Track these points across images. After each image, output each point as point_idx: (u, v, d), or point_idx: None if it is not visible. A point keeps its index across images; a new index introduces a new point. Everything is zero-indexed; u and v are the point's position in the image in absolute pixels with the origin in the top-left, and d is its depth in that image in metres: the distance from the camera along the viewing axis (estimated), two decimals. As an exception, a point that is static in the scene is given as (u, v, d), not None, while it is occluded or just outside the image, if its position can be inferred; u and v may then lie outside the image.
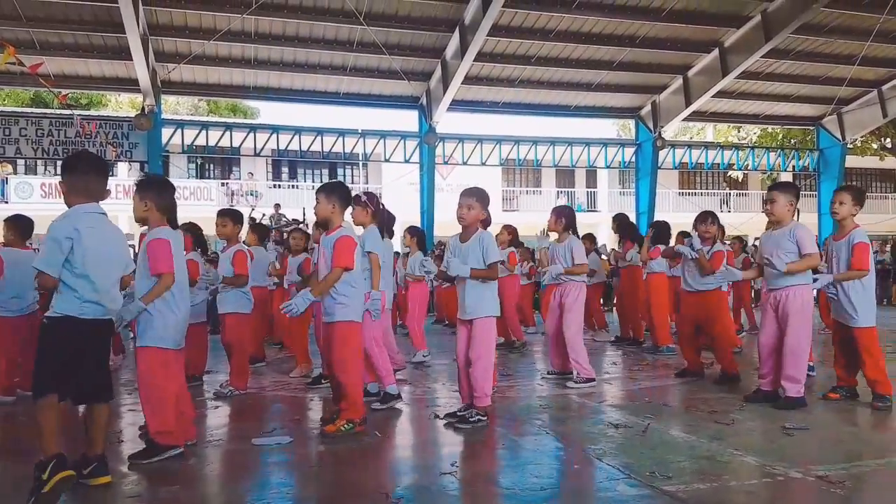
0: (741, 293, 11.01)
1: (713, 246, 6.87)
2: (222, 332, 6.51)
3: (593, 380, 6.57)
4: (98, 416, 3.77)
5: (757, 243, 7.31)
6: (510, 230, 9.65)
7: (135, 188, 4.42)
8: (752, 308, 11.68)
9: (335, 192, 4.92)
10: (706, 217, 7.02)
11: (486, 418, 4.90)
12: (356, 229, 5.38)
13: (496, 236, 6.53)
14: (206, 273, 6.66)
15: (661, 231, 8.72)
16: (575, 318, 6.69)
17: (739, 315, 10.94)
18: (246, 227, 8.28)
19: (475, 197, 5.07)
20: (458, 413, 5.03)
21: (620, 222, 10.27)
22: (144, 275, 4.20)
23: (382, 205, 6.10)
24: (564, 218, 6.79)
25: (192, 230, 6.61)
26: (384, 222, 6.08)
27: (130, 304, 4.12)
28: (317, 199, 4.93)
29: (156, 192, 4.34)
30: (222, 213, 6.78)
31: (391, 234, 6.54)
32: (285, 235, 10.32)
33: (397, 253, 11.52)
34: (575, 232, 6.86)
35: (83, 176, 3.82)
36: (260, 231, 8.71)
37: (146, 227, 4.39)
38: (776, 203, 5.46)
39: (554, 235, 7.02)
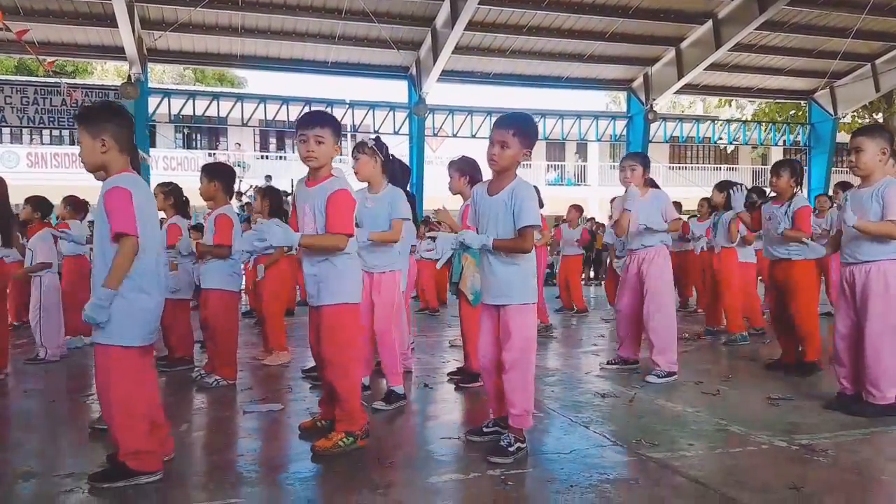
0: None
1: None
2: (203, 310, 5.47)
3: (675, 374, 5.48)
4: None
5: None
6: None
7: (80, 122, 3.16)
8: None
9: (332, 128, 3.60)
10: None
11: (525, 446, 3.55)
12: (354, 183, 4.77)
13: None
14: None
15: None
16: (662, 292, 5.53)
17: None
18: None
19: (513, 129, 3.46)
20: (486, 431, 3.77)
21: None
22: (103, 245, 3.11)
23: (393, 155, 4.78)
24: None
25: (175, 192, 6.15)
26: (397, 178, 4.74)
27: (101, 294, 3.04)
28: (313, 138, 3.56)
29: (115, 125, 3.16)
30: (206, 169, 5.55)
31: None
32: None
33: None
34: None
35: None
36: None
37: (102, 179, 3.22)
38: (864, 153, 4.29)
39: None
